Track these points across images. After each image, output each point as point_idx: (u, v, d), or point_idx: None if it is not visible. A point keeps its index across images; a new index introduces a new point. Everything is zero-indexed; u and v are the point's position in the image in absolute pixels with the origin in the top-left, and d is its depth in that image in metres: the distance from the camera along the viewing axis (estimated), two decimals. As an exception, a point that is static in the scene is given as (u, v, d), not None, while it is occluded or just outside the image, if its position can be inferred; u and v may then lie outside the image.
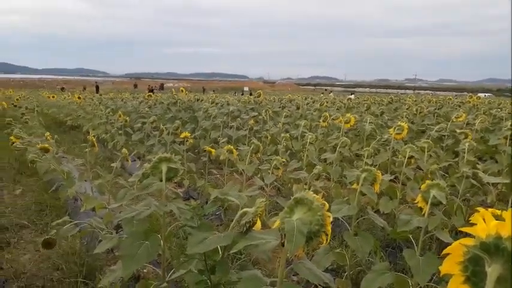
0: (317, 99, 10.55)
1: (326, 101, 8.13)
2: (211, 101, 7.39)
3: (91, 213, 3.34)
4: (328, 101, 8.77)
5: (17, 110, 10.99)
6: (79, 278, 2.35)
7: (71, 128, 9.38)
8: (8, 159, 5.96)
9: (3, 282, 2.48)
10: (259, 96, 7.30)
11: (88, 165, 3.28)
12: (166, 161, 1.86)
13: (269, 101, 9.04)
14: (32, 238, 3.23)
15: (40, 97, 16.33)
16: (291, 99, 9.46)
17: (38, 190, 4.37)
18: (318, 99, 9.98)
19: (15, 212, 3.73)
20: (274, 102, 8.94)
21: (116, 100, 10.78)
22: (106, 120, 7.29)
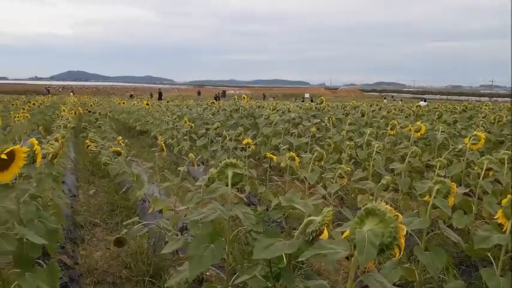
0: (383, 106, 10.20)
1: (394, 108, 7.83)
2: (273, 107, 7.45)
3: (158, 214, 3.52)
4: (396, 108, 8.45)
5: (91, 115, 11.93)
6: (146, 277, 2.48)
7: (139, 133, 9.97)
8: (83, 161, 6.47)
9: (78, 276, 2.68)
10: (322, 103, 7.22)
11: (157, 168, 3.46)
12: (232, 167, 1.91)
13: (331, 108, 8.90)
14: (104, 236, 3.46)
15: (111, 103, 17.56)
16: (355, 106, 9.24)
17: (109, 191, 4.69)
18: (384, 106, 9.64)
19: (89, 211, 4.03)
20: (337, 109, 8.80)
21: (181, 107, 11.27)
22: (172, 126, 7.65)
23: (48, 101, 19.51)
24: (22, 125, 9.25)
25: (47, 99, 21.00)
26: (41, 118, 12.35)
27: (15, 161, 1.78)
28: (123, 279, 2.62)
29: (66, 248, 2.99)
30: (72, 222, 3.53)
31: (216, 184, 1.93)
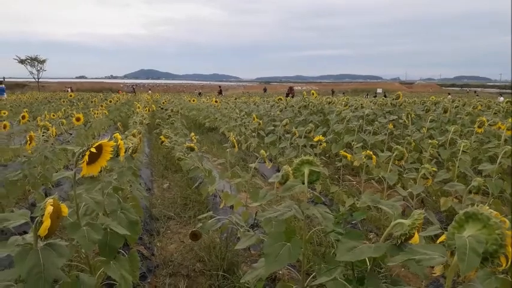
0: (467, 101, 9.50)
1: (480, 104, 7.25)
2: (344, 103, 7.27)
3: (229, 210, 3.60)
4: (482, 104, 7.82)
5: (163, 112, 12.56)
6: (220, 271, 2.55)
7: (208, 129, 10.30)
8: (157, 156, 6.83)
9: (155, 266, 2.84)
10: (398, 98, 6.89)
11: (228, 164, 3.54)
12: (308, 164, 1.88)
13: (408, 104, 8.48)
14: (178, 229, 3.62)
15: (182, 101, 18.34)
16: (435, 101, 8.71)
17: (182, 185, 4.90)
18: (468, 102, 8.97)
19: (164, 205, 4.24)
20: (415, 105, 8.35)
21: (248, 104, 11.45)
22: (240, 123, 7.79)
23: (124, 98, 20.91)
24: (101, 121, 10.00)
25: (123, 97, 22.53)
26: (117, 115, 13.28)
27: (103, 155, 1.91)
28: (197, 273, 2.72)
29: (144, 239, 3.18)
30: (149, 215, 3.73)
31: (291, 182, 1.92)
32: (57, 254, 1.29)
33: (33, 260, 1.26)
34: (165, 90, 56.42)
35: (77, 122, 6.90)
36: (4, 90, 26.76)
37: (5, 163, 6.38)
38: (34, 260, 1.26)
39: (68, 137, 8.02)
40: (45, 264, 1.26)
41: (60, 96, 24.08)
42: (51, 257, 1.28)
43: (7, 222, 1.37)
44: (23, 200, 4.14)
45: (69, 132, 8.55)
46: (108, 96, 22.94)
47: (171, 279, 2.64)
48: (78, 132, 7.64)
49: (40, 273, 1.24)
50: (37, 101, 19.82)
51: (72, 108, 13.09)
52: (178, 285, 2.55)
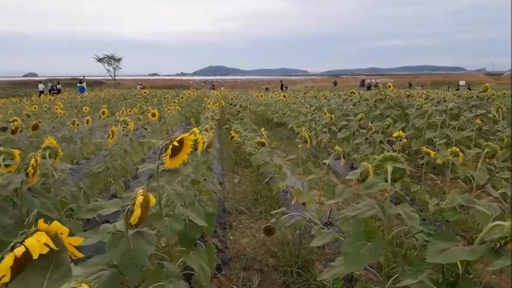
0: None
1: None
2: (425, 96, 6.91)
3: (300, 206, 3.61)
4: None
5: (232, 107, 12.86)
6: (294, 268, 2.57)
7: (276, 124, 10.38)
8: (227, 151, 7.02)
9: (229, 259, 2.93)
10: (486, 91, 6.39)
11: (300, 160, 3.54)
12: (392, 161, 1.83)
13: (497, 97, 7.84)
14: (249, 224, 3.70)
15: (249, 96, 18.65)
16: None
17: (252, 180, 4.99)
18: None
19: (235, 199, 4.35)
20: (504, 98, 7.70)
21: (319, 98, 11.33)
22: (310, 118, 7.74)
23: (194, 95, 21.74)
24: (174, 116, 10.49)
25: (193, 94, 23.44)
26: (188, 111, 13.85)
27: (184, 148, 2.01)
28: (270, 268, 2.76)
29: (217, 232, 3.29)
30: (222, 208, 3.86)
31: (373, 179, 1.88)
32: (146, 242, 1.39)
33: (124, 246, 1.36)
34: (233, 86, 57.66)
35: (153, 118, 7.30)
36: (85, 88, 29.15)
37: (87, 156, 6.95)
38: (125, 247, 1.36)
39: (144, 132, 8.53)
40: (136, 251, 1.36)
41: (135, 93, 25.65)
42: (140, 244, 1.37)
43: (101, 210, 1.50)
44: (105, 191, 4.48)
45: (144, 127, 9.08)
46: (179, 92, 24.01)
47: (244, 273, 2.71)
48: (153, 127, 8.08)
49: (131, 259, 1.34)
50: (114, 98, 21.29)
51: (147, 104, 13.88)
52: (252, 279, 2.61)
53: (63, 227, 0.84)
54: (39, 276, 0.76)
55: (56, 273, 0.77)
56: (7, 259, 0.75)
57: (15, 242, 0.79)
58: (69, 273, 0.78)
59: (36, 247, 0.76)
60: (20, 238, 0.79)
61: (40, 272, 0.77)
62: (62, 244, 0.81)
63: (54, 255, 0.79)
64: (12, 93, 36.65)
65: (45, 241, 0.78)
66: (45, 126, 7.51)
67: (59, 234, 0.83)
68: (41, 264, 0.78)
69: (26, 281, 0.75)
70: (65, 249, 0.81)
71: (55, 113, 10.16)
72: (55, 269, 0.78)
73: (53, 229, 0.82)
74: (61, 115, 9.85)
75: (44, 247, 0.77)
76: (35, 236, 0.78)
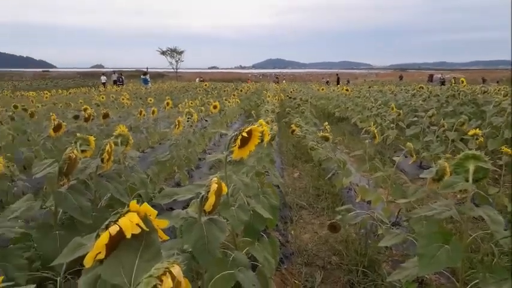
0: None
1: None
2: (504, 93, 6.43)
3: (365, 205, 3.53)
4: None
5: (291, 101, 12.81)
6: (359, 267, 2.52)
7: (338, 119, 10.19)
8: (286, 145, 7.01)
9: (290, 253, 2.94)
10: None
11: (367, 156, 3.45)
12: (474, 159, 1.74)
13: None
14: (310, 219, 3.68)
15: (309, 89, 18.47)
16: None
17: (313, 175, 4.95)
18: None
19: (295, 193, 4.35)
20: None
21: (384, 92, 10.96)
22: (376, 113, 7.52)
23: (253, 88, 21.94)
24: (233, 109, 10.67)
25: (252, 87, 23.66)
26: (247, 104, 14.01)
27: (252, 139, 2.04)
28: (333, 265, 2.73)
29: (278, 226, 3.31)
30: (283, 202, 3.87)
31: (452, 178, 1.79)
32: (219, 229, 1.43)
33: (198, 232, 1.41)
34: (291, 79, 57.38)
35: (214, 110, 7.48)
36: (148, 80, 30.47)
37: (152, 145, 7.28)
38: (199, 233, 1.41)
39: (205, 124, 8.76)
40: (209, 237, 1.40)
41: (196, 85, 26.38)
42: (213, 231, 1.41)
43: (177, 196, 1.56)
44: (169, 179, 4.67)
45: (205, 119, 9.33)
46: (238, 85, 24.35)
47: (306, 269, 2.70)
48: (213, 119, 8.28)
49: (204, 245, 1.38)
50: (176, 90, 22.06)
51: (207, 96, 14.24)
52: (315, 276, 2.60)
53: (151, 209, 0.88)
54: (131, 255, 0.81)
55: (146, 253, 0.81)
56: (102, 237, 0.80)
57: (109, 221, 0.84)
58: (159, 253, 0.82)
59: (129, 227, 0.81)
60: (114, 217, 0.84)
61: (132, 251, 0.82)
62: (152, 225, 0.85)
63: (144, 236, 0.84)
64: (81, 83, 39.22)
65: (137, 222, 0.82)
66: (113, 115, 7.94)
67: (148, 216, 0.88)
68: (132, 243, 0.82)
69: (119, 259, 0.80)
70: (154, 230, 0.85)
71: (121, 103, 10.73)
72: (145, 249, 0.82)
73: (142, 210, 0.87)
74: (127, 105, 10.38)
75: (136, 227, 0.81)
76: (128, 216, 0.83)
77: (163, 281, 0.68)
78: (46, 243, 1.92)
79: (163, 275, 0.69)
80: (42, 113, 7.16)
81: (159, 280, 0.68)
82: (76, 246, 0.94)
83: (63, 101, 11.62)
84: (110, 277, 0.77)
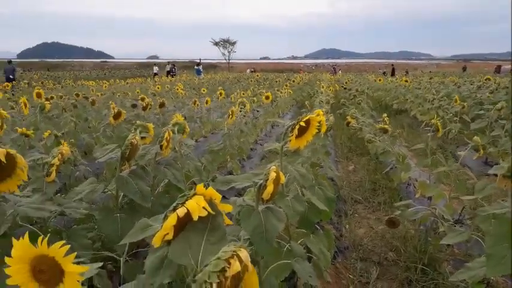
0: None
1: None
2: None
3: (425, 201, 3.40)
4: None
5: (346, 92, 12.56)
6: (419, 264, 2.44)
7: (396, 111, 9.85)
8: (340, 137, 6.90)
9: (344, 248, 2.90)
10: None
11: (429, 150, 3.31)
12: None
13: None
14: (366, 214, 3.61)
15: (365, 80, 17.99)
16: None
17: (369, 169, 4.84)
18: None
19: (350, 187, 4.28)
20: None
21: (447, 84, 10.44)
22: (437, 105, 7.19)
23: (306, 78, 21.75)
24: (285, 99, 10.64)
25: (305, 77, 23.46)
26: (299, 94, 13.91)
27: (310, 129, 2.02)
28: (389, 262, 2.67)
29: (332, 219, 3.28)
30: (337, 195, 3.82)
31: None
32: (277, 219, 1.43)
33: (256, 220, 1.42)
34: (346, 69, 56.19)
35: (266, 100, 7.50)
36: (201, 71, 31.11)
37: (205, 135, 7.44)
38: (257, 221, 1.42)
39: (256, 114, 8.81)
40: (266, 226, 1.41)
41: (247, 76, 26.58)
42: (271, 220, 1.42)
43: (234, 183, 1.59)
44: (221, 168, 4.75)
45: (256, 109, 9.39)
46: (290, 76, 24.24)
47: (361, 264, 2.66)
48: (265, 110, 8.31)
49: (262, 233, 1.39)
50: (228, 80, 22.36)
51: (259, 87, 14.31)
52: (370, 271, 2.55)
53: (217, 193, 0.90)
54: (197, 237, 0.83)
55: (212, 236, 0.84)
56: (171, 218, 0.83)
57: (176, 203, 0.87)
58: (225, 237, 0.84)
59: (195, 210, 0.83)
60: (181, 200, 0.87)
61: (198, 233, 0.84)
62: (217, 209, 0.87)
63: (209, 219, 0.86)
64: (137, 73, 40.78)
65: (204, 205, 0.84)
66: (168, 105, 8.20)
67: (213, 199, 0.90)
68: (198, 226, 0.85)
69: (186, 240, 0.82)
70: (220, 214, 0.87)
71: (176, 93, 11.05)
72: (211, 232, 0.85)
73: (208, 194, 0.89)
74: (182, 95, 10.67)
75: (203, 210, 0.83)
76: (194, 199, 0.86)
77: (231, 264, 0.69)
78: (108, 225, 2.03)
79: (231, 258, 0.70)
80: (102, 102, 7.54)
81: (227, 263, 0.70)
82: (143, 227, 0.98)
83: (121, 91, 12.16)
84: (178, 257, 0.80)
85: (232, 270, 0.69)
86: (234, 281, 0.71)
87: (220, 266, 0.69)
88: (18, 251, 0.86)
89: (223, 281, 0.69)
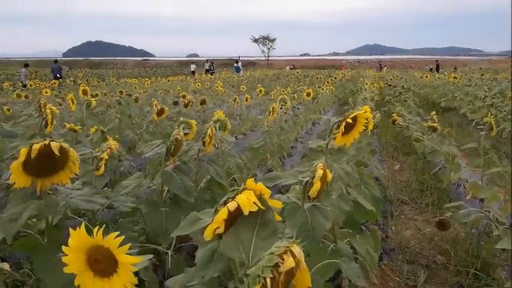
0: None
1: None
2: None
3: (477, 203, 3.26)
4: None
5: (391, 89, 12.26)
6: (470, 269, 2.35)
7: (444, 109, 9.51)
8: (385, 136, 6.73)
9: (390, 249, 2.83)
10: None
11: (481, 150, 3.18)
12: None
13: None
14: (413, 216, 3.51)
15: (411, 77, 17.49)
16: None
17: (417, 169, 4.70)
18: None
19: (396, 187, 4.17)
20: None
21: (500, 81, 9.96)
22: (490, 103, 6.88)
23: (348, 75, 21.42)
24: (326, 96, 10.53)
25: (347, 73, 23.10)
26: (341, 91, 13.73)
27: (356, 126, 1.99)
28: (438, 265, 2.58)
29: (377, 220, 3.21)
30: (383, 195, 3.74)
31: None
32: (323, 217, 1.42)
33: (302, 218, 1.41)
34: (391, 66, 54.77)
35: (307, 97, 7.45)
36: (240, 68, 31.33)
37: (244, 132, 7.49)
38: (303, 219, 1.41)
39: (297, 111, 8.77)
40: (313, 224, 1.40)
41: (287, 73, 26.50)
42: (318, 218, 1.41)
43: (280, 180, 1.58)
44: (261, 165, 4.76)
45: (297, 107, 9.34)
46: (331, 73, 23.95)
47: (408, 266, 2.59)
48: (306, 107, 8.26)
49: (308, 231, 1.38)
50: (267, 78, 22.39)
51: (299, 84, 14.23)
52: (417, 274, 2.48)
53: (266, 189, 0.90)
54: (248, 231, 0.84)
55: (263, 231, 0.84)
56: (222, 212, 0.84)
57: (227, 197, 0.88)
58: (276, 232, 0.84)
59: (246, 204, 0.83)
60: (231, 194, 0.88)
61: (248, 228, 0.84)
62: (268, 204, 0.87)
63: (259, 214, 0.86)
64: (178, 71, 41.62)
65: (254, 200, 0.84)
66: (208, 102, 8.31)
67: (262, 195, 0.90)
68: (249, 220, 0.85)
69: (237, 235, 0.83)
70: (270, 209, 0.87)
71: (215, 91, 11.20)
72: (262, 227, 0.85)
73: (258, 189, 0.89)
74: (221, 93, 10.80)
75: (253, 205, 0.83)
76: (245, 194, 0.86)
77: (285, 260, 0.69)
78: (153, 219, 2.08)
79: (284, 254, 0.70)
80: (144, 99, 7.75)
81: (281, 258, 0.69)
82: (193, 221, 1.00)
83: (162, 88, 12.47)
84: (229, 251, 0.81)
85: (286, 265, 0.69)
86: (287, 277, 0.71)
87: (274, 261, 0.69)
88: (75, 240, 0.90)
89: (276, 276, 0.69)
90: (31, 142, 1.34)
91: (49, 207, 1.47)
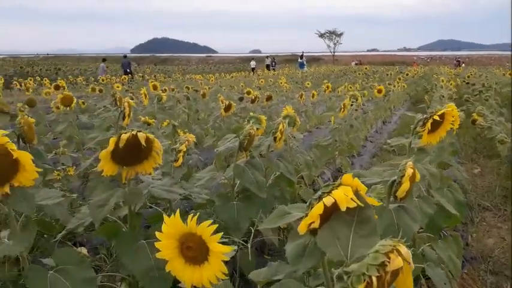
0: None
1: None
2: None
3: None
4: None
5: (469, 87, 11.58)
6: None
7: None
8: (463, 137, 6.36)
9: (471, 258, 2.68)
10: None
11: None
12: None
13: None
14: (496, 223, 3.29)
15: (491, 74, 16.38)
16: None
17: (500, 173, 4.41)
18: None
19: (476, 192, 3.93)
20: None
21: None
22: None
23: (421, 71, 20.54)
24: (398, 94, 10.15)
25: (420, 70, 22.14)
26: (413, 88, 13.18)
27: (443, 124, 1.89)
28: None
29: (457, 225, 3.04)
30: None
31: None
32: (411, 218, 1.36)
33: (388, 219, 1.37)
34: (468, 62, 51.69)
35: (378, 94, 7.22)
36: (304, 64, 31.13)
37: (309, 129, 7.43)
38: (389, 219, 1.37)
39: (366, 109, 8.55)
40: (400, 225, 1.35)
41: (354, 69, 25.91)
42: (405, 219, 1.35)
43: (364, 178, 1.55)
44: (329, 164, 4.69)
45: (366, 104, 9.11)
46: (402, 69, 23.07)
47: (492, 277, 2.44)
48: (376, 104, 8.02)
49: (395, 233, 1.33)
50: (333, 74, 22.05)
51: (368, 80, 13.87)
52: (503, 286, 2.32)
53: (362, 185, 0.88)
54: (344, 228, 0.82)
55: (361, 228, 0.81)
56: (317, 207, 0.82)
57: (322, 192, 0.87)
58: (375, 231, 0.81)
59: (343, 200, 0.81)
60: (326, 189, 0.86)
61: (345, 224, 0.82)
62: (366, 201, 0.85)
63: (356, 211, 0.84)
64: (240, 67, 42.17)
65: (352, 196, 0.82)
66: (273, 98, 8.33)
67: (359, 191, 0.88)
68: (345, 217, 0.83)
69: (333, 231, 0.81)
70: (369, 206, 0.84)
71: (279, 87, 11.20)
72: (359, 225, 0.82)
73: (354, 185, 0.87)
74: (286, 89, 10.79)
75: (351, 201, 0.81)
76: (341, 189, 0.84)
77: (392, 259, 0.67)
78: (225, 212, 2.12)
79: (390, 253, 0.68)
80: (209, 95, 7.93)
81: (387, 257, 0.67)
82: (282, 214, 0.99)
83: (226, 84, 12.71)
84: (326, 247, 0.79)
85: (393, 265, 0.67)
86: (392, 277, 0.69)
87: (380, 260, 0.67)
88: (169, 227, 0.93)
89: (383, 276, 0.67)
90: (120, 132, 1.41)
91: (133, 195, 1.55)
